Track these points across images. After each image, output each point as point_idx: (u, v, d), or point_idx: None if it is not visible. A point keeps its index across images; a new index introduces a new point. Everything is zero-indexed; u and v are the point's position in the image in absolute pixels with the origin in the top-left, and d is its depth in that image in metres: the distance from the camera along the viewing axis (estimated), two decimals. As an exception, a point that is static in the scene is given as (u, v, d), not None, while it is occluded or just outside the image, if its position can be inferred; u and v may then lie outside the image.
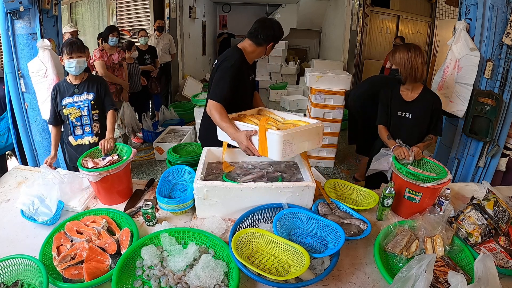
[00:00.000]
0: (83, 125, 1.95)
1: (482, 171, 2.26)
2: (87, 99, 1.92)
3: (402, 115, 1.87)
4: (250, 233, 1.15)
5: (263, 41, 1.68)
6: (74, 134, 1.96)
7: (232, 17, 8.78)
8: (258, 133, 1.41)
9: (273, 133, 1.34)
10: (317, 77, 3.21)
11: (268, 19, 1.72)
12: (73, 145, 1.99)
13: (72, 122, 1.93)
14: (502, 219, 1.26)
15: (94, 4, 5.08)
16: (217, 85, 1.61)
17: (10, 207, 1.45)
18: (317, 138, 1.49)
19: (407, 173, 1.37)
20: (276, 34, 1.69)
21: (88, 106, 1.93)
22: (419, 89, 1.83)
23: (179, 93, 5.74)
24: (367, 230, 1.25)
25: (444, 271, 1.06)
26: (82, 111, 1.92)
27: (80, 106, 1.91)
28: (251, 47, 1.70)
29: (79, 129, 1.95)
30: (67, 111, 1.90)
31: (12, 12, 2.12)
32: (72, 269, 1.06)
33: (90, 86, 1.94)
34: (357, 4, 5.07)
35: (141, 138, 4.17)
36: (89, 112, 1.93)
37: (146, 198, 1.55)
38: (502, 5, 1.92)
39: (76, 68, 1.85)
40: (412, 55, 1.72)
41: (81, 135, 1.96)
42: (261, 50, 1.72)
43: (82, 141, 1.97)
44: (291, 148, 1.37)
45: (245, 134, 1.43)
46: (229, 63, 1.61)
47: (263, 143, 1.39)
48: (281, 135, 1.31)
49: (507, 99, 2.03)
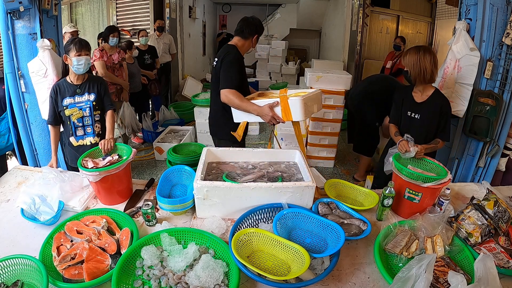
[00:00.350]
0: (85, 125, 1.95)
1: (482, 171, 2.26)
2: (89, 100, 1.92)
3: (412, 115, 1.92)
4: (250, 233, 1.15)
5: (249, 34, 1.98)
6: (75, 135, 1.95)
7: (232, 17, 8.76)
8: (279, 103, 1.68)
9: (294, 99, 1.65)
10: (317, 77, 3.22)
11: (250, 17, 2.03)
12: (74, 146, 1.98)
13: (73, 123, 1.92)
14: (502, 219, 1.26)
15: (94, 4, 5.08)
16: (226, 76, 1.84)
17: (10, 207, 1.45)
18: (320, 102, 1.91)
19: (407, 173, 1.38)
20: (258, 28, 2.01)
21: (90, 107, 1.92)
22: (430, 91, 1.87)
23: (179, 93, 5.74)
24: (367, 230, 1.25)
25: (444, 271, 1.06)
26: (84, 112, 1.91)
27: (82, 106, 1.91)
28: (240, 41, 1.99)
29: (80, 129, 1.95)
30: (68, 112, 1.89)
31: (12, 12, 2.12)
32: (72, 269, 1.06)
33: (91, 87, 1.93)
34: (357, 4, 5.06)
35: (141, 138, 4.17)
36: (91, 113, 1.93)
37: (146, 198, 1.55)
38: (502, 5, 1.92)
39: (84, 66, 1.83)
40: (421, 57, 1.77)
41: (82, 136, 1.96)
42: (249, 43, 2.02)
43: (84, 141, 1.97)
44: (308, 109, 1.70)
45: (268, 106, 1.70)
46: (231, 57, 1.87)
47: (286, 109, 1.68)
48: (301, 99, 1.64)
49: (507, 99, 2.03)
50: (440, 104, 1.83)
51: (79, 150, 1.96)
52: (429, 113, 1.85)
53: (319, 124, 3.36)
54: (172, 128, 4.04)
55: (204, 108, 3.86)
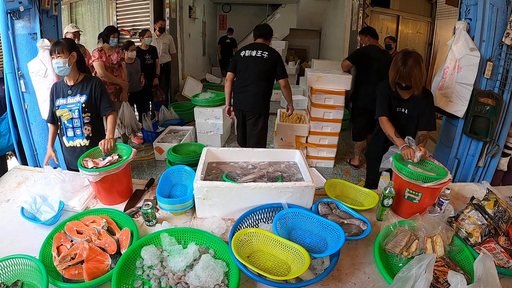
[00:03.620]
0: (74, 127, 1.92)
1: (482, 171, 2.25)
2: (79, 102, 1.88)
3: (399, 110, 1.97)
4: (250, 233, 1.15)
5: (269, 37, 2.84)
6: (66, 135, 1.94)
7: (232, 17, 8.77)
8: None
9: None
10: (317, 77, 3.21)
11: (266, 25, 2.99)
12: (66, 147, 1.97)
13: (64, 123, 1.91)
14: (502, 219, 1.26)
15: (94, 4, 5.07)
16: (284, 69, 2.73)
17: (10, 207, 1.45)
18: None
19: (407, 172, 1.38)
20: (271, 32, 2.87)
21: (79, 109, 1.88)
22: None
23: (179, 93, 5.74)
24: (367, 230, 1.25)
25: (444, 271, 1.06)
26: (73, 114, 1.88)
27: (72, 108, 1.88)
28: (265, 42, 2.79)
29: (70, 131, 1.93)
30: (59, 113, 1.88)
31: (12, 12, 2.12)
32: (72, 269, 1.06)
33: (84, 88, 1.90)
34: (357, 4, 5.06)
35: (141, 138, 4.17)
36: (79, 115, 1.89)
37: (146, 198, 1.55)
38: (502, 5, 1.92)
39: (61, 67, 1.80)
40: (423, 68, 1.79)
41: (72, 137, 1.94)
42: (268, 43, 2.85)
43: (74, 143, 1.95)
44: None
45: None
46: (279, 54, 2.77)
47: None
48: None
49: (507, 99, 2.03)
50: (425, 97, 1.90)
51: (71, 152, 1.96)
52: (417, 107, 1.91)
53: (319, 124, 3.36)
54: (172, 128, 4.04)
55: (204, 108, 3.86)
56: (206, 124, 3.92)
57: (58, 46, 1.79)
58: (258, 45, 2.70)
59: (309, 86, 3.43)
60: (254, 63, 2.65)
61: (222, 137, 4.03)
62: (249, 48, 2.69)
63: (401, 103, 1.96)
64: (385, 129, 1.90)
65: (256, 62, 2.65)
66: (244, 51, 2.71)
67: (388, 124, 1.89)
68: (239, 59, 2.72)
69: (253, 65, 2.65)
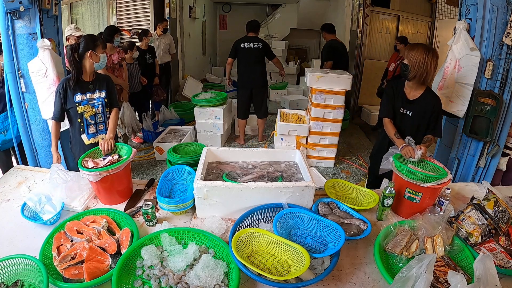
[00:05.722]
0: (97, 123, 1.92)
1: (482, 171, 2.25)
2: (100, 97, 1.90)
3: (404, 112, 1.91)
4: (250, 233, 1.15)
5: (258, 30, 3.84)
6: (87, 132, 1.92)
7: (232, 17, 8.76)
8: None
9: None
10: (317, 77, 3.21)
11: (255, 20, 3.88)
12: (86, 144, 1.93)
13: (86, 120, 1.89)
14: (502, 219, 1.26)
15: (94, 4, 5.07)
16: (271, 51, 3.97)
17: (10, 207, 1.45)
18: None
19: (407, 172, 1.37)
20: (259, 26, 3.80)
21: (103, 104, 1.90)
22: (422, 89, 1.85)
23: (179, 93, 5.74)
24: (367, 230, 1.25)
25: (444, 271, 1.06)
26: (96, 109, 1.89)
27: (94, 104, 1.89)
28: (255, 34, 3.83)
29: (93, 127, 1.92)
30: (81, 109, 1.85)
31: (12, 12, 2.11)
32: (72, 269, 1.06)
33: (101, 84, 1.92)
34: (357, 4, 5.06)
35: (141, 138, 4.17)
36: (103, 110, 1.91)
37: (146, 198, 1.55)
38: (502, 5, 1.92)
39: (102, 64, 1.89)
40: (428, 59, 1.72)
41: (94, 133, 1.94)
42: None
43: (96, 139, 1.94)
44: None
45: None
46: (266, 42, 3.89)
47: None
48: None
49: (507, 99, 2.03)
50: (433, 103, 1.83)
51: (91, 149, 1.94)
52: (421, 110, 1.85)
53: (319, 124, 3.36)
54: (172, 128, 4.04)
55: (204, 108, 3.86)
56: (206, 124, 3.93)
57: (103, 43, 1.89)
58: (252, 38, 3.75)
59: (309, 86, 3.43)
60: (253, 52, 3.73)
61: (222, 137, 4.04)
62: (247, 41, 3.73)
63: (406, 105, 1.89)
64: (387, 130, 1.91)
65: (254, 51, 3.74)
66: (243, 43, 3.72)
67: (390, 125, 1.89)
68: (240, 49, 3.73)
69: (252, 54, 3.73)
